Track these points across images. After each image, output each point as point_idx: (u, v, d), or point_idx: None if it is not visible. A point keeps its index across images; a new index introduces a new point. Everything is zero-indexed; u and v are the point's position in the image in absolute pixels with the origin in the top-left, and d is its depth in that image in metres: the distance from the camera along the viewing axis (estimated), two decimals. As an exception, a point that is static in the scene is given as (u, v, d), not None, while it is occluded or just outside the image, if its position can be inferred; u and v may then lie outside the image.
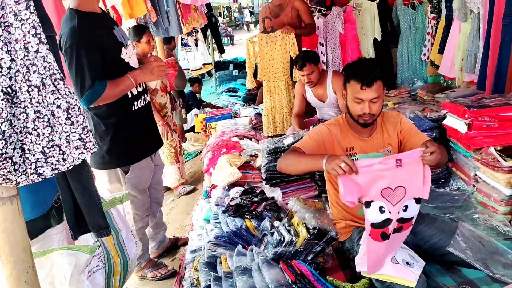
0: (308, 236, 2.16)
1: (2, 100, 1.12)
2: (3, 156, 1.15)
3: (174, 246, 3.39)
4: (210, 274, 2.16)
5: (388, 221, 1.72)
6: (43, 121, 1.21)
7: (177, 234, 3.67)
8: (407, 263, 1.81)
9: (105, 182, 2.65)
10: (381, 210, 1.71)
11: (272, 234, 2.28)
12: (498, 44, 3.16)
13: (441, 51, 4.27)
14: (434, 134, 2.88)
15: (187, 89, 6.96)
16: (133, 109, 2.53)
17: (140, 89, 2.58)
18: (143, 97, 2.61)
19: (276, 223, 2.36)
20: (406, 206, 1.73)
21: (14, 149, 1.18)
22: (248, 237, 2.44)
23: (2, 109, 1.13)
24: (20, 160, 1.18)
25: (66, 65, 2.24)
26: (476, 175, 2.60)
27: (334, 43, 5.10)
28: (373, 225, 1.73)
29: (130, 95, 2.49)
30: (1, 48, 1.13)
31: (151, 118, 2.80)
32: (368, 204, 1.71)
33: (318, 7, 5.36)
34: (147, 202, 2.87)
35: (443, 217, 2.47)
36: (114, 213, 2.07)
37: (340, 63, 5.12)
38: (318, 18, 5.11)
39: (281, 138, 3.24)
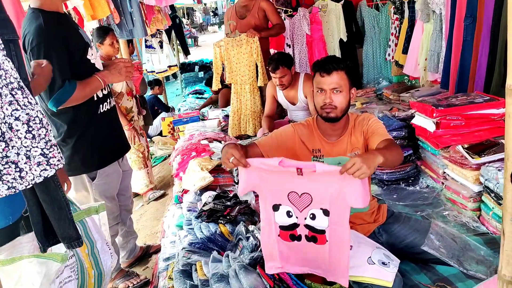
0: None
1: None
2: None
3: (146, 254, 3.29)
4: (185, 282, 2.10)
5: (295, 225, 1.76)
6: None
7: (148, 241, 3.58)
8: (383, 263, 1.82)
9: (71, 191, 2.50)
10: (289, 214, 1.75)
11: (247, 238, 2.24)
12: (461, 44, 3.25)
13: (405, 51, 4.37)
14: (403, 133, 2.94)
15: (147, 93, 6.80)
16: (98, 112, 2.45)
17: (105, 92, 2.50)
18: (108, 100, 2.53)
19: (251, 227, 2.33)
20: (314, 215, 1.71)
21: None
22: (223, 242, 2.39)
23: None
24: None
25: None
26: (444, 172, 2.66)
27: (301, 44, 5.13)
28: (282, 227, 1.78)
29: (95, 98, 2.41)
30: None
31: (117, 122, 2.72)
32: (276, 207, 1.74)
33: (284, 8, 5.37)
34: (116, 210, 2.78)
35: (414, 215, 2.52)
36: (89, 223, 1.98)
37: (307, 64, 5.15)
38: (284, 19, 5.12)
39: (253, 140, 3.21)
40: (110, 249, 2.05)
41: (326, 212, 1.69)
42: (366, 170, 1.53)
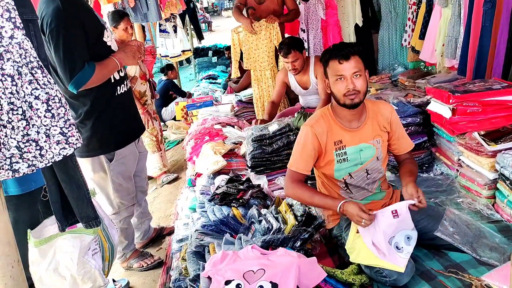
0: (296, 223, 2.16)
1: None
2: None
3: (159, 235, 3.35)
4: (198, 263, 2.13)
5: None
6: (17, 113, 1.11)
7: (162, 223, 3.63)
8: (397, 248, 1.83)
9: (88, 172, 2.56)
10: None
11: (259, 222, 2.26)
12: (479, 29, 3.18)
13: (422, 36, 4.28)
14: (418, 120, 2.90)
15: (157, 78, 6.76)
16: (116, 94, 2.49)
17: (122, 74, 2.53)
18: (125, 83, 2.56)
19: (263, 211, 2.35)
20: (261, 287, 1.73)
21: None
22: (235, 225, 2.42)
23: None
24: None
25: (50, 48, 2.15)
26: (459, 159, 2.64)
27: (316, 29, 5.07)
28: None
29: (113, 80, 2.44)
30: None
31: (133, 104, 2.76)
32: (228, 282, 1.76)
33: (299, -7, 5.30)
34: (133, 191, 2.82)
35: (428, 202, 2.50)
36: (94, 203, 2.03)
37: (321, 49, 5.09)
38: (299, 4, 5.06)
39: (266, 125, 3.21)
40: (115, 224, 2.12)
41: (274, 286, 1.70)
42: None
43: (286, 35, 4.86)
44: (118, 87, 2.49)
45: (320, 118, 2.11)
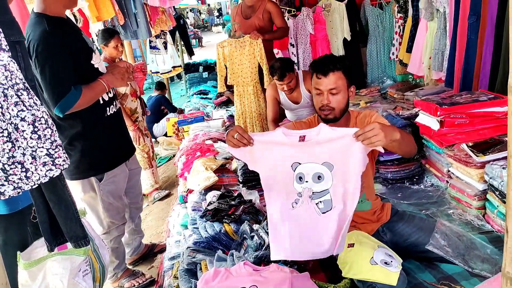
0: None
1: None
2: None
3: (151, 252, 3.32)
4: (190, 281, 2.11)
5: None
6: (2, 135, 1.11)
7: (153, 240, 3.59)
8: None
9: (78, 192, 2.55)
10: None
11: (252, 237, 2.25)
12: (465, 42, 3.24)
13: (409, 50, 4.35)
14: (407, 132, 2.93)
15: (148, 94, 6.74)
16: (105, 115, 2.48)
17: (110, 95, 2.52)
18: (114, 103, 2.56)
19: (255, 226, 2.34)
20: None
21: None
22: (227, 241, 2.40)
23: None
24: None
25: (37, 72, 2.13)
26: (449, 171, 2.66)
27: (305, 44, 5.13)
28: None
29: (101, 101, 2.43)
30: None
31: (123, 124, 2.75)
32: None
33: (287, 8, 5.37)
34: (123, 210, 2.80)
35: (419, 213, 2.51)
36: (85, 222, 2.01)
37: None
38: (288, 19, 5.12)
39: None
40: (105, 244, 2.09)
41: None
42: (382, 138, 1.55)
43: (275, 50, 4.91)
44: (108, 108, 2.49)
45: (306, 122, 2.15)
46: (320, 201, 1.76)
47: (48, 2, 2.18)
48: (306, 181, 1.76)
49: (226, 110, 5.50)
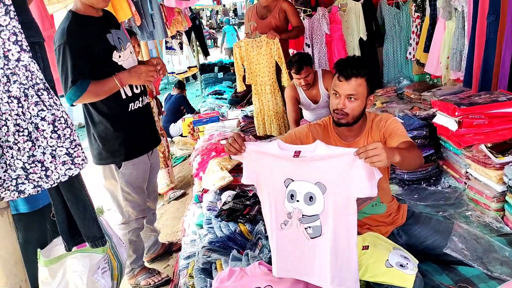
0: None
1: None
2: None
3: (168, 251, 3.35)
4: (206, 280, 2.13)
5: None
6: (22, 135, 1.13)
7: (169, 239, 3.62)
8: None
9: (101, 178, 2.70)
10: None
11: (266, 237, 2.25)
12: (484, 41, 3.19)
13: (426, 49, 4.31)
14: (425, 133, 2.90)
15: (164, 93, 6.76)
16: (129, 110, 2.57)
17: (137, 91, 2.61)
18: (140, 99, 2.64)
19: (270, 227, 2.34)
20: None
21: None
22: (242, 241, 2.41)
23: None
24: (3, 175, 1.12)
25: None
26: (467, 172, 2.62)
27: (320, 44, 5.11)
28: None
29: (124, 96, 2.53)
30: None
31: (149, 119, 2.81)
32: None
33: (303, 8, 5.36)
34: (143, 203, 2.83)
35: (436, 215, 2.48)
36: (103, 221, 2.05)
37: (326, 63, 5.12)
38: (303, 19, 5.11)
39: (273, 139, 3.22)
40: (123, 242, 2.14)
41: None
42: (384, 159, 1.48)
43: (291, 50, 4.91)
44: (131, 104, 2.58)
45: (320, 124, 2.12)
46: (309, 226, 1.70)
47: (77, 1, 2.39)
48: (297, 200, 1.70)
49: (241, 110, 5.51)
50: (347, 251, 1.67)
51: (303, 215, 1.70)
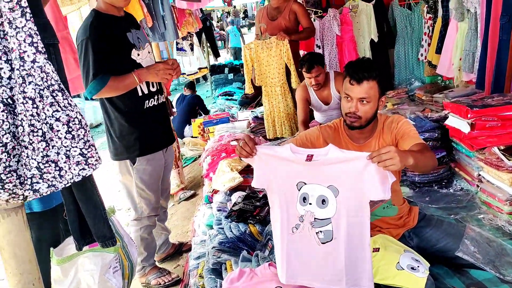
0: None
1: (3, 111, 1.09)
2: (7, 169, 1.12)
3: (179, 251, 3.37)
4: (216, 281, 2.13)
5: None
6: (37, 135, 1.16)
7: (179, 240, 3.63)
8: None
9: (117, 173, 2.79)
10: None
11: (276, 239, 2.25)
12: (497, 43, 3.16)
13: (438, 51, 4.27)
14: (436, 135, 2.88)
15: (173, 92, 6.76)
16: (144, 107, 2.64)
17: (153, 89, 2.68)
18: (156, 97, 2.70)
19: (280, 228, 2.33)
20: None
21: (18, 161, 1.14)
22: (252, 242, 2.42)
23: (3, 121, 1.10)
24: (23, 173, 1.15)
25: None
26: (480, 175, 2.59)
27: (331, 45, 5.10)
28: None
29: (140, 94, 2.61)
30: (0, 58, 1.09)
31: (164, 117, 2.87)
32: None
33: (314, 9, 5.36)
34: (156, 201, 2.86)
35: (448, 218, 2.46)
36: (114, 221, 2.07)
37: (337, 65, 5.11)
38: (314, 20, 5.11)
39: (282, 141, 3.22)
40: (134, 242, 2.16)
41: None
42: (397, 163, 1.47)
43: (301, 52, 4.91)
44: (147, 101, 2.65)
45: (331, 126, 2.11)
46: (321, 231, 1.70)
47: (100, 1, 2.51)
48: (310, 203, 1.69)
49: (252, 111, 5.52)
50: (361, 252, 1.67)
51: (315, 218, 1.69)
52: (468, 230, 1.99)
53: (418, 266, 1.76)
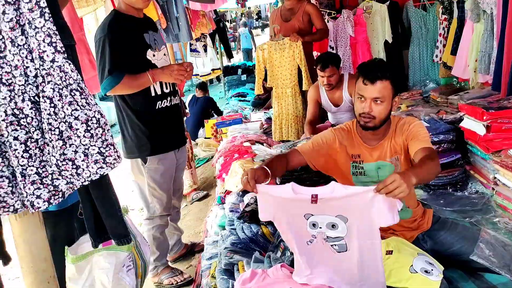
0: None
1: (31, 109, 1.11)
2: (42, 163, 1.16)
3: (191, 251, 3.38)
4: (228, 281, 2.14)
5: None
6: (54, 133, 1.18)
7: (192, 240, 3.65)
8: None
9: (130, 172, 2.85)
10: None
11: (289, 240, 2.25)
12: (513, 44, 3.12)
13: (453, 52, 4.23)
14: (451, 137, 2.84)
15: (185, 93, 6.76)
16: (156, 107, 2.68)
17: (166, 90, 2.71)
18: (168, 98, 2.74)
19: (293, 229, 2.33)
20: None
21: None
22: (264, 243, 2.41)
23: (32, 118, 1.12)
24: (44, 171, 1.17)
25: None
26: (495, 177, 2.56)
27: (345, 46, 5.08)
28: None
29: (153, 94, 2.64)
30: (26, 57, 1.11)
31: (176, 119, 2.89)
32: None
33: (327, 11, 5.34)
34: (168, 201, 2.89)
35: (462, 221, 2.44)
36: (127, 220, 2.09)
37: (350, 66, 5.09)
38: (328, 22, 5.10)
39: (295, 142, 3.21)
40: (147, 242, 2.19)
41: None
42: (405, 189, 1.47)
43: (315, 53, 4.90)
44: (159, 102, 2.68)
45: (344, 128, 2.10)
46: (335, 244, 1.70)
47: (120, 1, 2.59)
48: (320, 227, 1.69)
49: (264, 112, 5.52)
50: (373, 265, 1.68)
51: (327, 236, 1.70)
52: (483, 234, 1.97)
53: (432, 270, 1.74)
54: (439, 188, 2.86)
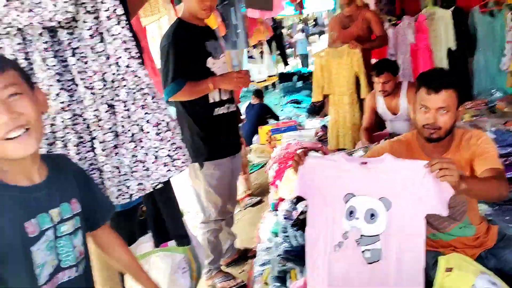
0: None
1: (107, 112, 1.17)
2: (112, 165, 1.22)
3: (244, 256, 3.41)
4: (280, 289, 2.14)
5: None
6: (126, 136, 1.24)
7: (245, 245, 3.68)
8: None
9: (187, 177, 2.91)
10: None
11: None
12: None
13: (523, 60, 4.00)
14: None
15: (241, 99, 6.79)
16: (213, 114, 2.74)
17: (224, 97, 2.77)
18: (226, 106, 2.80)
19: (347, 239, 2.29)
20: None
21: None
22: (318, 252, 2.39)
23: (106, 121, 1.18)
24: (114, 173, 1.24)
25: None
26: None
27: (405, 54, 4.94)
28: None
29: (211, 101, 2.71)
30: (105, 63, 1.18)
31: (233, 126, 2.97)
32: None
33: (388, 17, 5.23)
34: (223, 206, 2.94)
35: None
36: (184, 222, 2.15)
37: (410, 74, 4.94)
38: (387, 28, 4.98)
39: (351, 151, 3.17)
40: (201, 245, 2.21)
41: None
42: (455, 176, 1.43)
43: (373, 61, 4.81)
44: (217, 108, 2.75)
45: (402, 140, 2.04)
46: (368, 249, 1.62)
47: (184, 10, 2.73)
48: (357, 218, 1.63)
49: (320, 120, 5.48)
50: (413, 276, 1.58)
51: (361, 235, 1.63)
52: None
53: None
54: (505, 203, 2.70)
